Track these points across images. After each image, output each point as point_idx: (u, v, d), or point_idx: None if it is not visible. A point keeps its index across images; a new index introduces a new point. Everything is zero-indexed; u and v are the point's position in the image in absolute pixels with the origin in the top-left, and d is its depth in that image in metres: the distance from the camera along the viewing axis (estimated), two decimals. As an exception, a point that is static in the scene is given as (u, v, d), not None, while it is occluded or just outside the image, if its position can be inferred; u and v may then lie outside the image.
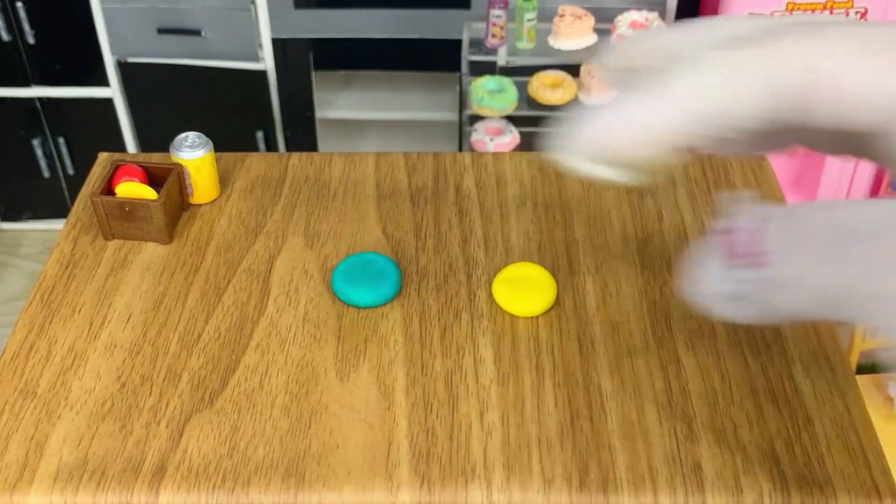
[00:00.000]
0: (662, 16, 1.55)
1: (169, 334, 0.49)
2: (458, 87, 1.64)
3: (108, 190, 0.54)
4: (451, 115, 1.77)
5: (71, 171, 1.82)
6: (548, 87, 1.51)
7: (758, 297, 0.30)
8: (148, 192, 0.54)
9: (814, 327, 0.48)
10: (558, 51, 1.53)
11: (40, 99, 1.72)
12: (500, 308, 0.49)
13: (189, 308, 0.50)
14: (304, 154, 0.62)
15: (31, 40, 1.65)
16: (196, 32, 1.63)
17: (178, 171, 0.55)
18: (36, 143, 1.77)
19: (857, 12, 1.45)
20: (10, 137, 1.77)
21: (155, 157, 0.61)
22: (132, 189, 0.54)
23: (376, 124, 1.87)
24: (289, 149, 1.81)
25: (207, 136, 0.57)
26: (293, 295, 0.51)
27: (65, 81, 1.71)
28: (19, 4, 1.61)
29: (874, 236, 0.27)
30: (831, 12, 1.44)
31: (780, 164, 1.58)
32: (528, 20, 1.51)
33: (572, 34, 1.52)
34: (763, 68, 0.29)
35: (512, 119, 1.56)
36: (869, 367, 1.34)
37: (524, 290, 0.49)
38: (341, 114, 1.80)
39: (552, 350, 0.48)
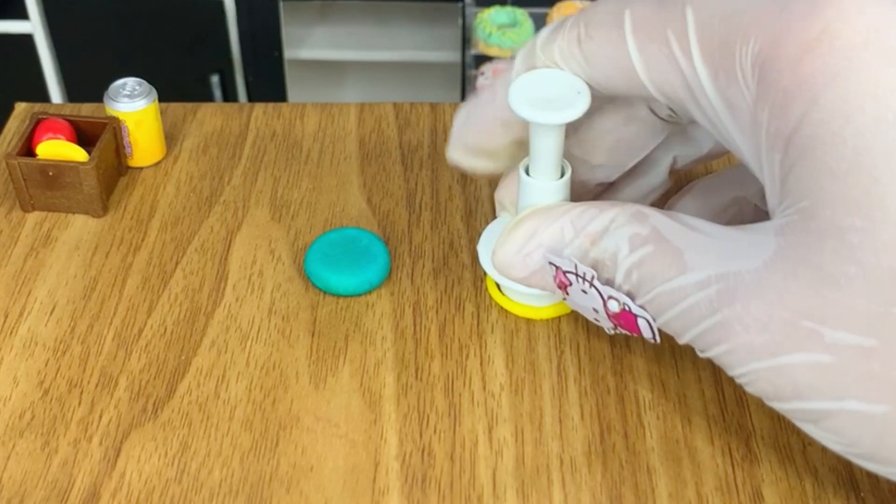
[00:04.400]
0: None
1: (103, 329, 0.48)
2: (460, 20, 1.63)
3: (28, 150, 0.54)
4: (451, 56, 1.76)
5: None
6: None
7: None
8: (76, 153, 0.53)
9: None
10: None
11: (-57, 35, 1.72)
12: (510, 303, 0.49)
13: (128, 297, 0.50)
14: (270, 105, 0.62)
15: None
16: (136, -48, 1.63)
17: (114, 127, 0.55)
18: (-62, 89, 1.77)
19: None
20: None
21: (85, 109, 0.61)
22: (57, 149, 0.53)
23: (359, 66, 1.87)
24: (251, 98, 1.81)
25: (150, 82, 0.57)
26: (256, 280, 0.51)
27: (-27, 13, 1.70)
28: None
29: None
30: None
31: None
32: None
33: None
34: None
35: (527, 60, 1.55)
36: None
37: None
38: (315, 53, 1.80)
39: (577, 349, 0.47)
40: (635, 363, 0.47)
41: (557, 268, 0.42)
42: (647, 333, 0.40)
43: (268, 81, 1.76)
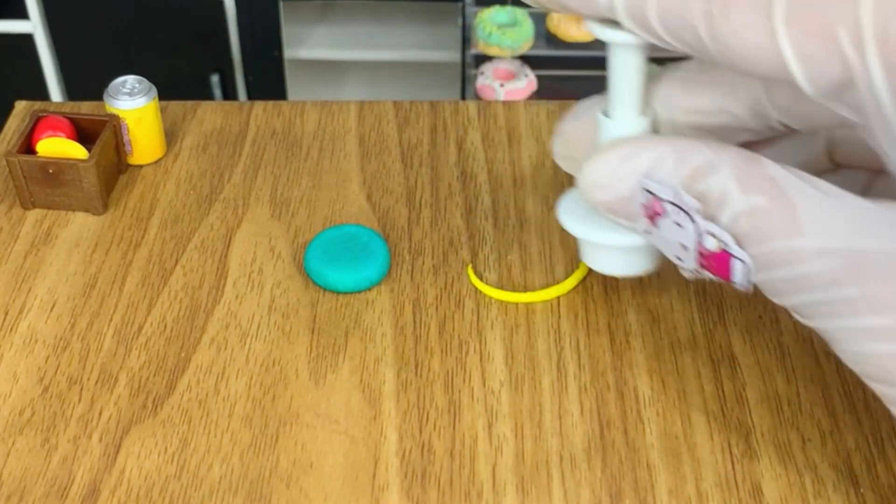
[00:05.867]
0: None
1: (103, 326, 0.48)
2: (460, 20, 1.63)
3: (28, 148, 0.54)
4: (451, 55, 1.76)
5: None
6: (572, 21, 1.51)
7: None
8: (77, 150, 0.53)
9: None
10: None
11: (-56, 34, 1.72)
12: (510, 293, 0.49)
13: (128, 294, 0.50)
14: (271, 103, 0.62)
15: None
16: (136, -48, 1.63)
17: (115, 125, 0.55)
18: (-61, 89, 1.77)
19: None
20: None
21: (85, 107, 0.61)
22: (57, 146, 0.53)
23: (359, 66, 1.87)
24: (251, 96, 1.81)
25: (150, 80, 0.57)
26: (256, 278, 0.51)
27: (-27, 13, 1.70)
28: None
29: None
30: None
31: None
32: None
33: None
34: None
35: (527, 60, 1.56)
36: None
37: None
38: (315, 53, 1.80)
39: (577, 345, 0.47)
40: (635, 359, 0.47)
41: (654, 195, 0.39)
42: (738, 278, 0.38)
43: (268, 81, 1.76)
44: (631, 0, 0.37)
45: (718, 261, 0.38)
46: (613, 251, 0.45)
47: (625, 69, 0.41)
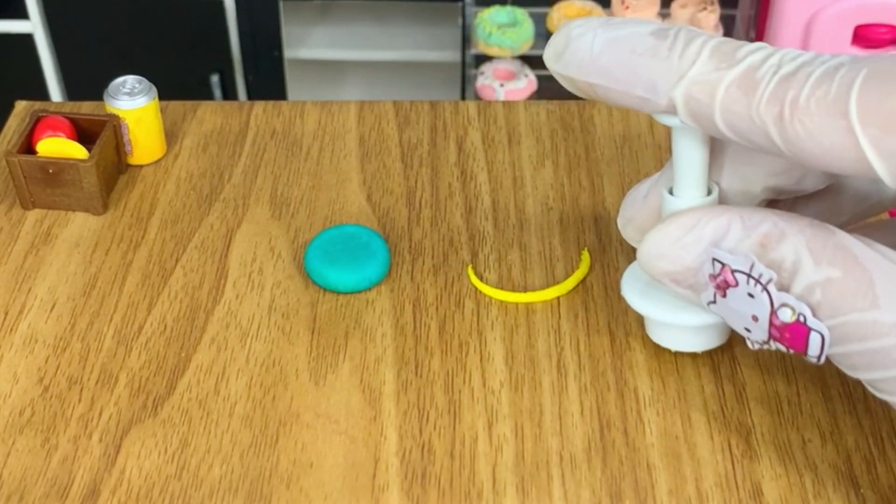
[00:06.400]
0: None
1: (103, 326, 0.48)
2: (460, 20, 1.63)
3: (28, 148, 0.54)
4: (451, 55, 1.76)
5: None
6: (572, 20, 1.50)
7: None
8: (77, 150, 0.53)
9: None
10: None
11: (-56, 34, 1.72)
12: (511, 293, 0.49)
13: (128, 294, 0.50)
14: (271, 103, 0.62)
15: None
16: (136, -48, 1.63)
17: (115, 125, 0.55)
18: (-61, 89, 1.77)
19: None
20: None
21: (85, 107, 0.61)
22: (57, 146, 0.53)
23: (359, 66, 1.86)
24: (251, 96, 1.81)
25: (150, 80, 0.57)
26: (257, 278, 0.51)
27: (-27, 13, 1.70)
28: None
29: None
30: None
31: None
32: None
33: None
34: None
35: (527, 60, 1.56)
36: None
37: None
38: (315, 53, 1.80)
39: (577, 345, 0.47)
40: (635, 359, 0.47)
41: (724, 266, 0.38)
42: (814, 351, 0.37)
43: (268, 81, 1.76)
44: (693, 104, 0.36)
45: (793, 332, 0.37)
46: (683, 329, 0.45)
47: (689, 151, 0.40)
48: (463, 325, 0.48)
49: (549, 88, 1.56)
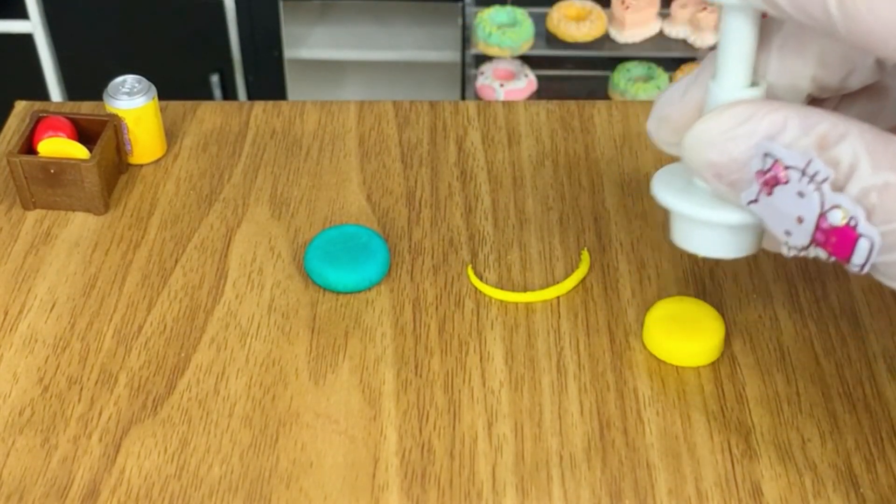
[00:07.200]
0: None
1: (102, 326, 0.48)
2: (460, 20, 1.63)
3: (28, 148, 0.54)
4: (451, 55, 1.76)
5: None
6: (572, 21, 1.50)
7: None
8: (77, 150, 0.53)
9: (901, 318, 0.48)
10: (584, -25, 1.52)
11: (-56, 34, 1.71)
12: (516, 296, 0.49)
13: (127, 294, 0.50)
14: (270, 103, 0.62)
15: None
16: (136, -48, 1.63)
17: (115, 124, 0.55)
18: (-61, 89, 1.77)
19: None
20: None
21: (85, 107, 0.61)
22: (58, 146, 0.53)
23: (359, 66, 1.86)
24: (251, 96, 1.81)
25: (150, 80, 0.57)
26: (256, 277, 0.51)
27: (-27, 13, 1.70)
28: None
29: None
30: None
31: None
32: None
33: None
34: None
35: (527, 60, 1.55)
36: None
37: (683, 330, 0.47)
38: (315, 53, 1.79)
39: (577, 345, 0.47)
40: (635, 359, 0.47)
41: (776, 161, 0.36)
42: (859, 259, 0.35)
43: (268, 81, 1.76)
44: None
45: (840, 237, 0.35)
46: (715, 229, 0.41)
47: (739, 33, 0.38)
48: (463, 324, 0.48)
49: (549, 88, 1.56)
